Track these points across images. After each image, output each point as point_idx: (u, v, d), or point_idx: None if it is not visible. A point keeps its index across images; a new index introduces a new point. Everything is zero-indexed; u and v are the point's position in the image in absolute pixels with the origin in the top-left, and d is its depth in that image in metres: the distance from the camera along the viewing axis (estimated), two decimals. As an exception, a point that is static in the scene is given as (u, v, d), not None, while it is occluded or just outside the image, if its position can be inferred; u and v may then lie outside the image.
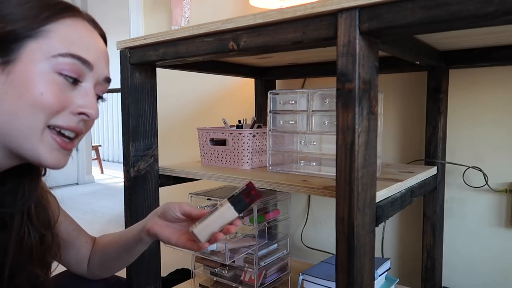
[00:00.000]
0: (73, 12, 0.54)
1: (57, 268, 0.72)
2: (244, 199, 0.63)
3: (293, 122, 0.99)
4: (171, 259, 1.65)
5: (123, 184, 1.04)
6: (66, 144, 0.54)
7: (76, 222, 0.78)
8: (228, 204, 0.63)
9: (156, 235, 0.69)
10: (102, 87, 0.58)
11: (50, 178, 0.65)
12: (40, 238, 0.60)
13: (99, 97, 0.58)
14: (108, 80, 0.59)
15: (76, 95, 0.53)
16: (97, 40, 0.57)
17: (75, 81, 0.53)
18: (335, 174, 0.65)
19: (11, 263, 0.55)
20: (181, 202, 0.70)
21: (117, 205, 2.86)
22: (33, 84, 0.49)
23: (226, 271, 1.18)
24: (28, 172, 0.59)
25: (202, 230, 0.63)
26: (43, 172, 0.63)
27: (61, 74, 0.51)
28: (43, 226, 0.61)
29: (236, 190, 0.63)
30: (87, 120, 0.55)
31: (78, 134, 0.55)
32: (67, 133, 0.54)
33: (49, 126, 0.52)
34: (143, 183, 1.04)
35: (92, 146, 4.14)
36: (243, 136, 1.06)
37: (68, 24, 0.52)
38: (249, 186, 0.63)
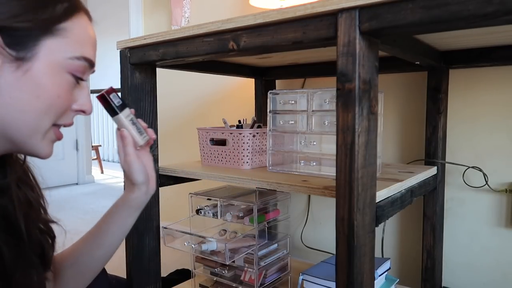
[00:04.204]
0: (80, 7, 0.55)
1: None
2: (111, 104, 0.68)
3: (293, 122, 0.99)
4: (171, 259, 1.65)
5: (123, 184, 1.04)
6: (60, 136, 0.56)
7: None
8: (115, 117, 0.69)
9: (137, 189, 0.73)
10: None
11: (50, 178, 0.66)
12: (33, 190, 0.63)
13: None
14: (94, 71, 0.62)
15: (77, 93, 0.55)
16: (95, 36, 0.58)
17: (78, 80, 0.54)
18: (335, 174, 0.65)
19: (23, 219, 0.57)
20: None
21: (117, 205, 2.86)
22: (51, 86, 0.50)
23: (226, 271, 1.18)
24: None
25: (136, 137, 0.70)
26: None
27: (72, 75, 0.52)
28: (31, 182, 0.64)
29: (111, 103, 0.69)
30: None
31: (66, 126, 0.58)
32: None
33: (54, 124, 0.53)
34: (143, 183, 1.04)
35: (92, 146, 4.14)
36: (243, 136, 1.06)
37: (79, 24, 0.53)
38: (101, 98, 0.68)
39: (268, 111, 1.02)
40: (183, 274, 1.46)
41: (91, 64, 0.55)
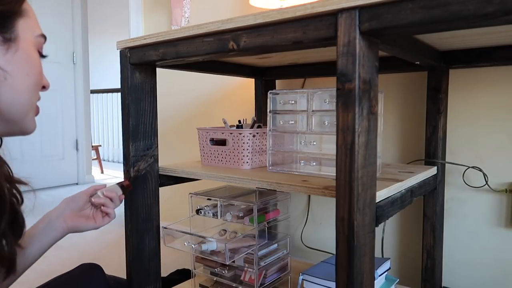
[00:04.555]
0: None
1: (57, 270, 0.71)
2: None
3: (293, 122, 0.99)
4: (171, 259, 1.66)
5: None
6: (39, 110, 0.58)
7: None
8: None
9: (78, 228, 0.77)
10: None
11: (50, 178, 0.65)
12: None
13: None
14: None
15: None
16: None
17: (41, 57, 0.57)
18: (335, 174, 0.65)
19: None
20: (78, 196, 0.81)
21: (117, 205, 2.85)
22: (35, 63, 0.53)
23: (226, 271, 1.18)
24: None
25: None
26: None
27: (39, 52, 0.56)
28: None
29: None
30: None
31: None
32: None
33: None
34: (143, 183, 1.04)
35: (92, 146, 4.14)
36: (243, 136, 1.06)
37: (29, 4, 0.56)
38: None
39: (268, 111, 1.02)
40: (183, 274, 1.46)
41: (45, 39, 0.57)
